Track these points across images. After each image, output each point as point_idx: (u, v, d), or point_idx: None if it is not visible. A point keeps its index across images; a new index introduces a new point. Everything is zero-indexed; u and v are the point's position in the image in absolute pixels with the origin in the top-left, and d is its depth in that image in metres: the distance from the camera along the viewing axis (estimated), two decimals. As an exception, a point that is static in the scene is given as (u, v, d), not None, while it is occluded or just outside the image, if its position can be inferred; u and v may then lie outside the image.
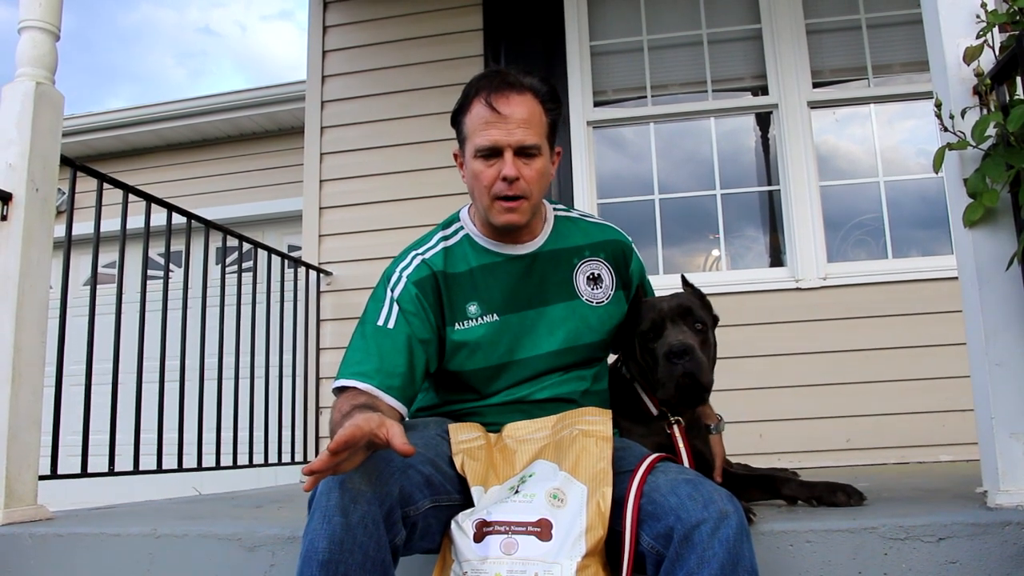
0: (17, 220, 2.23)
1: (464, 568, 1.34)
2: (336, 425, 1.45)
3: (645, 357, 1.75)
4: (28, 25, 2.37)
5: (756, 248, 4.11)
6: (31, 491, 2.19)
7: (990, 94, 1.68)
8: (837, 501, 1.80)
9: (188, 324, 3.19)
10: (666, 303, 1.77)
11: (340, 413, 1.48)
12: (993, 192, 1.64)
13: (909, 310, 3.68)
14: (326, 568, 1.24)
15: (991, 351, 1.67)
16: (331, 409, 1.58)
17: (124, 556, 1.91)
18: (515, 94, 1.63)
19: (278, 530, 1.83)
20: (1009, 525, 1.52)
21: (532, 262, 1.75)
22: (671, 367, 1.65)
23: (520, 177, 1.62)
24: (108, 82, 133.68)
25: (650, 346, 1.73)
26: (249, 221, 6.61)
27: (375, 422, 1.23)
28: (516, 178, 1.62)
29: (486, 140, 1.62)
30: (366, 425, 1.22)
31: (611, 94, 4.31)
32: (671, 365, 1.65)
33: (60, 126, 2.41)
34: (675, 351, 1.64)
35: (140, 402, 2.81)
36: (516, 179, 1.62)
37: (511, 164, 1.61)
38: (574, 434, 1.52)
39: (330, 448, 1.18)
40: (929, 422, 3.55)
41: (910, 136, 4.09)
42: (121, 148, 7.22)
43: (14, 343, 2.16)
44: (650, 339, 1.73)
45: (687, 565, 1.27)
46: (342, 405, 1.51)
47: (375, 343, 1.62)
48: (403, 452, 1.20)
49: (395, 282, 1.69)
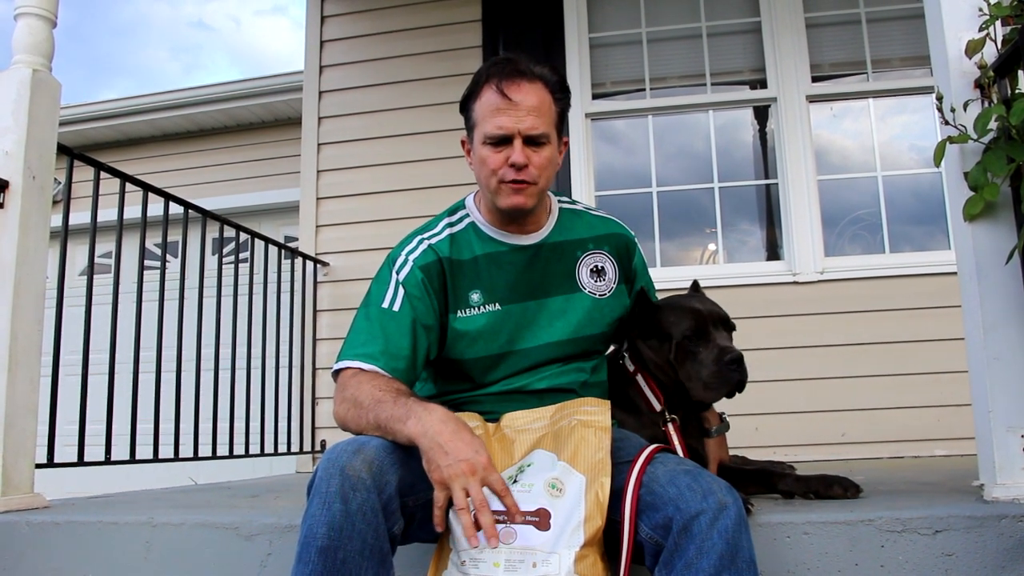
0: (14, 208, 2.21)
1: (462, 557, 1.34)
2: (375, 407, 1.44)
3: (681, 357, 1.76)
4: (24, 12, 2.34)
5: (753, 242, 4.11)
6: (27, 479, 2.19)
7: (992, 87, 1.67)
8: (833, 494, 1.81)
9: (185, 314, 3.18)
10: (703, 306, 1.81)
11: (372, 397, 1.46)
12: (994, 186, 1.64)
13: (905, 305, 3.69)
14: (324, 554, 1.24)
15: (989, 345, 1.67)
16: (339, 391, 1.55)
17: (121, 544, 1.91)
18: (526, 82, 1.62)
19: (275, 519, 1.83)
20: (1005, 518, 1.53)
21: (536, 253, 1.75)
22: (727, 374, 1.70)
23: (528, 164, 1.62)
24: (103, 75, 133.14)
25: (693, 348, 1.75)
26: (246, 211, 6.59)
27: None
28: (524, 165, 1.61)
29: (495, 127, 1.61)
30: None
31: (609, 86, 4.30)
32: (728, 372, 1.70)
33: (57, 114, 2.39)
34: (735, 359, 1.70)
35: (137, 391, 2.80)
36: (524, 166, 1.61)
37: (520, 151, 1.61)
38: (573, 424, 1.52)
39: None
40: (925, 416, 3.57)
41: (909, 131, 4.09)
42: (117, 138, 7.19)
43: (11, 331, 2.15)
44: (693, 342, 1.75)
45: (686, 555, 1.28)
46: (367, 388, 1.49)
47: (380, 325, 1.61)
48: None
49: (400, 265, 1.68)
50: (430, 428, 1.36)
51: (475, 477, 1.32)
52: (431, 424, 1.36)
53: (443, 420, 1.37)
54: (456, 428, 1.37)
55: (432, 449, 1.34)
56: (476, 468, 1.33)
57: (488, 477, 1.34)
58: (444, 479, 1.33)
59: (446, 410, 1.41)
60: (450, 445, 1.34)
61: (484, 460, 1.34)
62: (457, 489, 1.32)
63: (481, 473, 1.33)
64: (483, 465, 1.34)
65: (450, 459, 1.32)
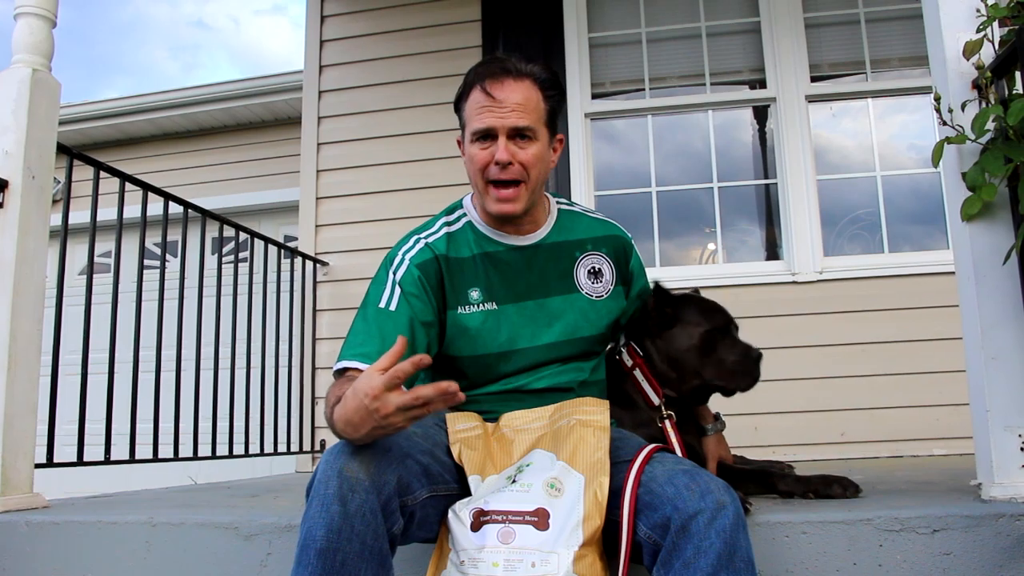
0: (13, 208, 2.22)
1: (461, 557, 1.35)
2: (332, 408, 1.40)
3: (710, 345, 1.86)
4: (24, 11, 2.35)
5: (752, 241, 4.11)
6: (27, 479, 2.19)
7: (989, 88, 1.68)
8: (833, 493, 1.81)
9: (184, 313, 3.18)
10: (722, 308, 1.95)
11: (335, 396, 1.42)
12: (991, 186, 1.64)
13: (904, 304, 3.69)
14: (323, 556, 1.24)
15: (987, 345, 1.68)
16: (328, 392, 1.51)
17: (121, 544, 1.91)
18: (511, 80, 1.63)
19: (275, 519, 1.83)
20: (1003, 517, 1.53)
21: (534, 253, 1.75)
22: (752, 367, 1.88)
23: (513, 161, 1.62)
24: (102, 75, 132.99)
25: (723, 339, 1.88)
26: (245, 211, 6.59)
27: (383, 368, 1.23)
28: (509, 162, 1.62)
29: (480, 123, 1.62)
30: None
31: (609, 86, 4.30)
32: (753, 365, 1.88)
33: (57, 113, 2.39)
34: (760, 356, 1.89)
35: (136, 391, 2.80)
36: (509, 163, 1.62)
37: (504, 148, 1.61)
38: (572, 424, 1.53)
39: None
40: (923, 416, 3.57)
41: (907, 130, 4.10)
42: (117, 137, 7.18)
43: (10, 330, 2.15)
44: (723, 332, 1.89)
45: (684, 555, 1.28)
46: (339, 388, 1.45)
47: (377, 325, 1.61)
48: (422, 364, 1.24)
49: (398, 264, 1.68)
50: (344, 405, 1.30)
51: (375, 400, 1.22)
52: (345, 399, 1.30)
53: (352, 394, 1.29)
54: (353, 391, 1.28)
55: (340, 419, 1.31)
56: (368, 391, 1.22)
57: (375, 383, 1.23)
58: (347, 420, 1.27)
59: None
60: (351, 401, 1.27)
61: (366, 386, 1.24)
62: (378, 415, 1.23)
63: (372, 391, 1.23)
64: (369, 389, 1.23)
65: (358, 401, 1.25)
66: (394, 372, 1.21)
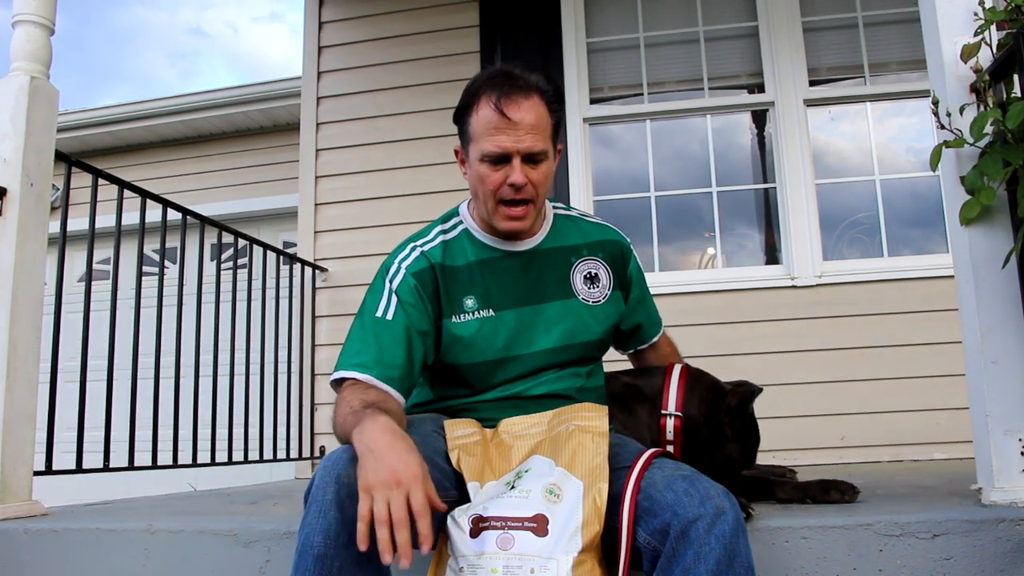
0: (12, 215, 2.22)
1: (460, 564, 1.34)
2: (346, 419, 1.43)
3: (726, 420, 1.85)
4: (22, 19, 2.35)
5: (751, 246, 4.11)
6: (26, 486, 2.19)
7: (987, 91, 1.68)
8: (831, 499, 1.81)
9: (183, 320, 3.18)
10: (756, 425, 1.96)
11: (350, 407, 1.45)
12: (990, 190, 1.64)
13: (904, 308, 3.69)
14: (321, 562, 1.24)
15: (987, 349, 1.67)
16: (337, 402, 1.54)
17: (120, 552, 1.90)
18: (523, 99, 1.60)
19: (274, 526, 1.83)
20: (1003, 522, 1.53)
21: (530, 259, 1.75)
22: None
23: (528, 183, 1.62)
24: (101, 82, 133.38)
25: (739, 415, 1.87)
26: (244, 217, 6.59)
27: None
28: (524, 184, 1.61)
29: (495, 146, 1.60)
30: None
31: (607, 91, 4.31)
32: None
33: (55, 121, 2.39)
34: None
35: (135, 398, 2.80)
36: (524, 185, 1.61)
37: (519, 171, 1.60)
38: (570, 430, 1.52)
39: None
40: (923, 420, 3.56)
41: (906, 134, 4.10)
42: (116, 144, 7.18)
43: (9, 338, 2.15)
44: (737, 414, 1.87)
45: (683, 561, 1.27)
46: (350, 399, 1.49)
47: (373, 334, 1.61)
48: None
49: (394, 273, 1.68)
50: (368, 436, 1.31)
51: (399, 489, 1.23)
52: (370, 432, 1.32)
53: (383, 430, 1.32)
54: (393, 440, 1.30)
55: (364, 455, 1.29)
56: (401, 480, 1.24)
57: (412, 491, 1.24)
58: (368, 486, 1.24)
59: (393, 424, 1.35)
60: (381, 453, 1.28)
61: (411, 474, 1.25)
62: (379, 499, 1.22)
63: (406, 486, 1.24)
64: (410, 478, 1.24)
65: (377, 466, 1.26)
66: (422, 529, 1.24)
